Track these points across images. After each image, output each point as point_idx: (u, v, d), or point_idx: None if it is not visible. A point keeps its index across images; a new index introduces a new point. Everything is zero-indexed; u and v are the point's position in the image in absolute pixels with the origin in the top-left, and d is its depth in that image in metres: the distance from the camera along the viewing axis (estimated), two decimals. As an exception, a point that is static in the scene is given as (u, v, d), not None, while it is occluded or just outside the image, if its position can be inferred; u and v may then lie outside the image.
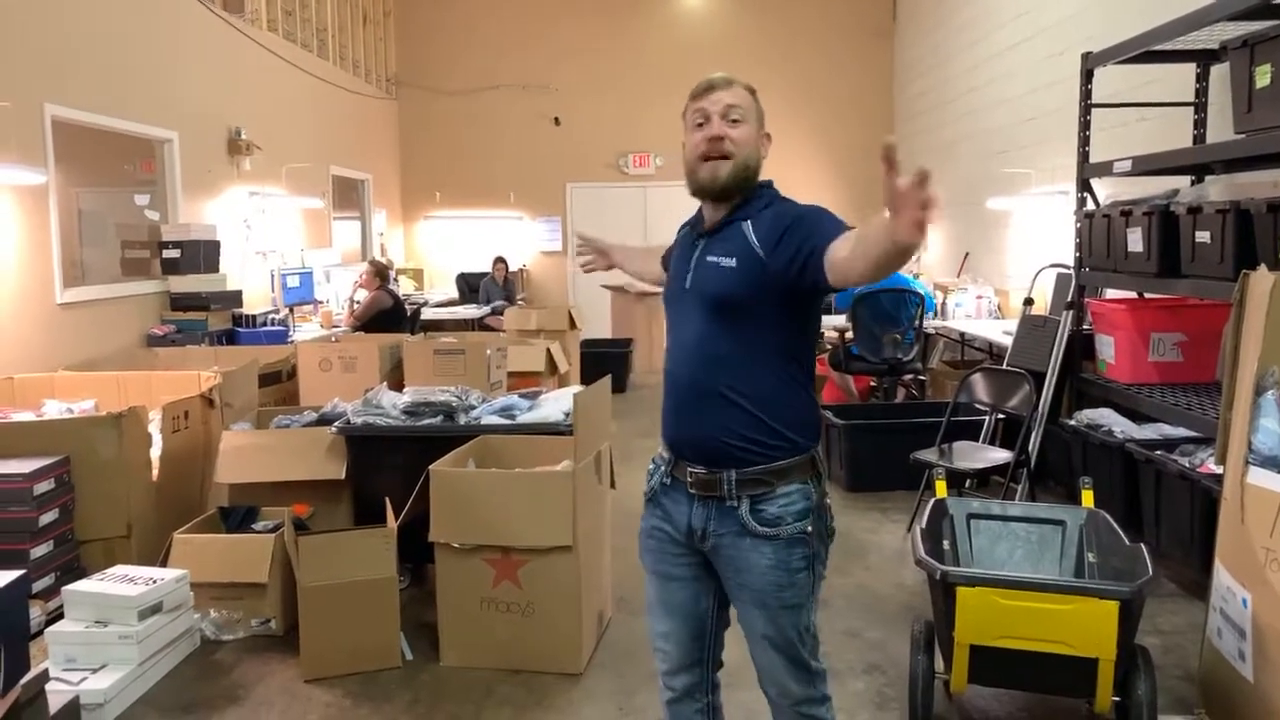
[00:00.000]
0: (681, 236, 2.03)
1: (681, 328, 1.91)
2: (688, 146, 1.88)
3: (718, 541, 1.87)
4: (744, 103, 1.86)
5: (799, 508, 1.86)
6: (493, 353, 4.99)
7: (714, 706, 2.09)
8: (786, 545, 1.85)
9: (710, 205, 1.91)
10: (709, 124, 1.83)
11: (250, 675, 3.14)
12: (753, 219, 1.84)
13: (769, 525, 1.84)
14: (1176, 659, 3.11)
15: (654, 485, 1.99)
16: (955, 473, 4.11)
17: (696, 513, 1.89)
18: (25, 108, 4.81)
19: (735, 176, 1.84)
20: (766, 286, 1.78)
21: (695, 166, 1.86)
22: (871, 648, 3.29)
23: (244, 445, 3.82)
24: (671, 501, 1.94)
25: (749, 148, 1.85)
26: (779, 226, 1.79)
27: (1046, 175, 6.34)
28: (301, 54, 8.29)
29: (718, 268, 1.83)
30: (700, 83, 1.87)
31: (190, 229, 6.13)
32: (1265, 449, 2.38)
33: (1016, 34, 6.90)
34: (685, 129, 1.89)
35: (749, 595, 1.88)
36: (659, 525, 1.98)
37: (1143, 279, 3.92)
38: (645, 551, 2.03)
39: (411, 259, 11.03)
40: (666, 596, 2.00)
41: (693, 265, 1.89)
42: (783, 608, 1.87)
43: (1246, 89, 3.30)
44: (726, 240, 1.85)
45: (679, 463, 1.91)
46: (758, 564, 1.85)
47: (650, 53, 10.42)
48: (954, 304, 7.27)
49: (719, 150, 1.82)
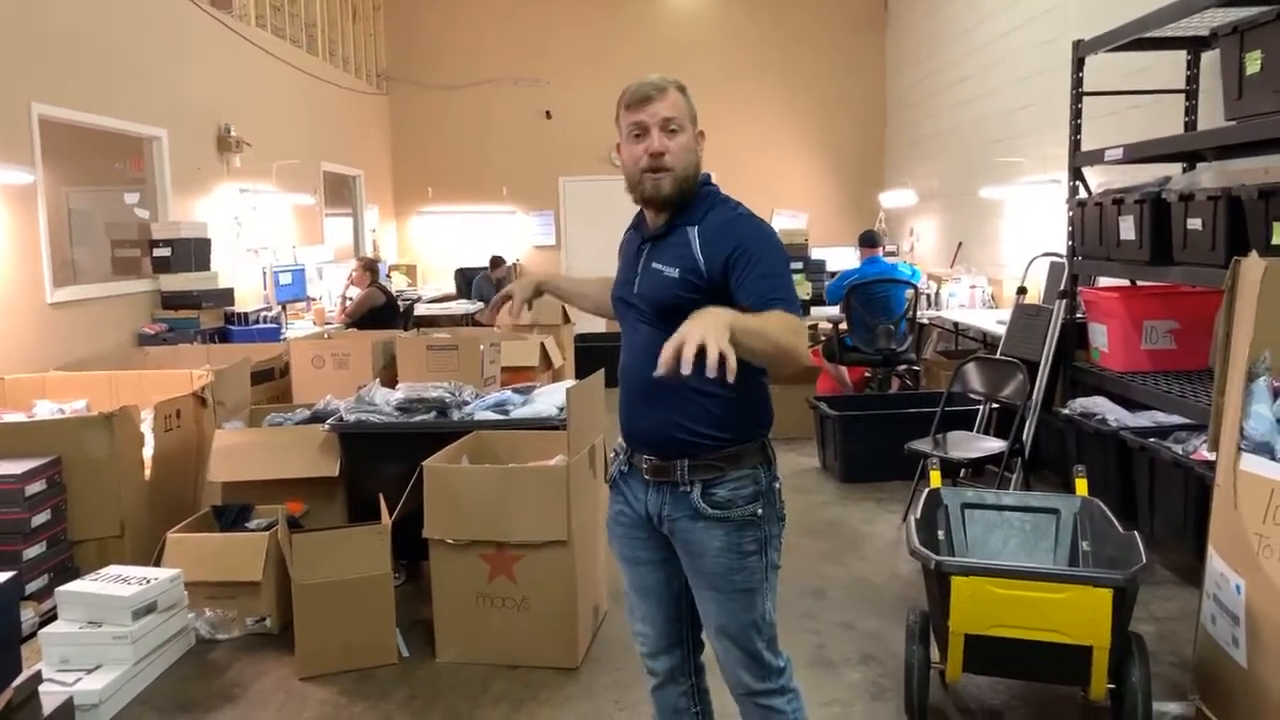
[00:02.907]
0: (628, 239, 2.06)
1: (632, 327, 1.97)
2: (626, 158, 1.89)
3: (673, 525, 1.93)
4: (679, 110, 1.86)
5: (748, 491, 1.90)
6: (486, 348, 4.98)
7: (700, 689, 2.13)
8: (738, 528, 1.89)
9: (653, 212, 1.94)
10: (647, 137, 1.84)
11: (245, 674, 3.13)
12: (698, 224, 1.88)
13: (719, 508, 1.88)
14: (1171, 646, 3.12)
15: (614, 472, 2.06)
16: (949, 462, 4.11)
17: (653, 498, 1.95)
18: (12, 106, 4.77)
19: (678, 187, 1.87)
20: (709, 293, 1.80)
21: (638, 178, 1.87)
22: (867, 638, 3.29)
23: (237, 443, 3.81)
24: (629, 488, 2.01)
25: (688, 155, 1.87)
26: (725, 247, 1.82)
27: (1038, 164, 6.34)
28: (291, 50, 8.25)
29: (661, 276, 1.88)
30: (633, 91, 1.86)
31: (181, 227, 6.10)
32: (1257, 435, 2.38)
33: (1007, 23, 6.88)
34: (621, 137, 1.90)
35: (703, 580, 1.93)
36: (622, 510, 2.04)
37: (1135, 267, 3.92)
38: (613, 538, 2.09)
39: (405, 255, 11.00)
40: (638, 580, 2.06)
41: (639, 270, 1.94)
42: (736, 591, 1.90)
43: (1237, 75, 3.30)
44: (671, 247, 1.89)
45: (634, 452, 1.98)
46: (710, 546, 1.89)
47: (641, 45, 10.38)
48: (948, 294, 7.28)
49: (660, 165, 1.84)
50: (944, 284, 7.37)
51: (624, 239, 2.09)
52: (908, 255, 9.05)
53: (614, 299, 2.03)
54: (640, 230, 2.00)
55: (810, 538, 4.35)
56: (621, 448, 2.03)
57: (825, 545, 4.24)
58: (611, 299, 2.05)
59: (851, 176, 10.44)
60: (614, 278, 2.09)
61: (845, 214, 10.44)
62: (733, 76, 10.16)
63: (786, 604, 2.85)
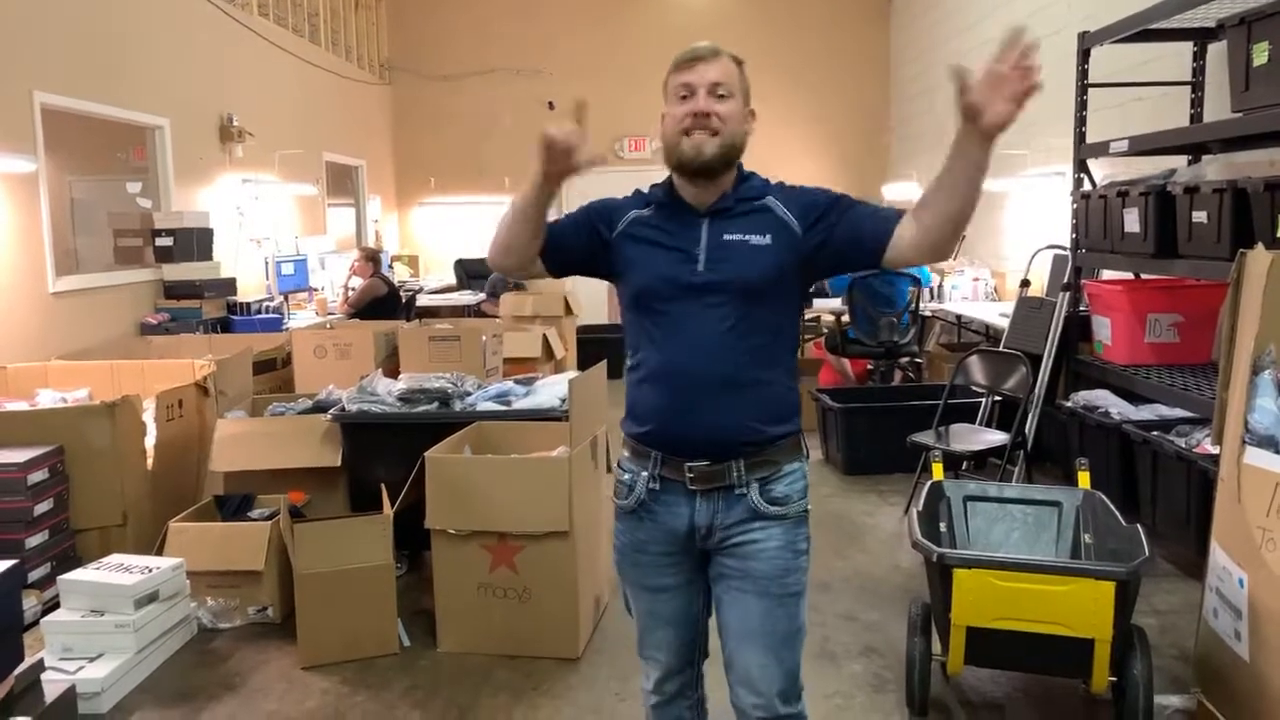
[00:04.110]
0: (651, 214, 1.82)
1: (686, 317, 1.74)
2: (668, 119, 1.76)
3: (726, 534, 1.79)
4: (730, 78, 1.74)
5: (801, 485, 1.83)
6: (488, 339, 4.98)
7: (702, 699, 2.04)
8: (794, 525, 1.81)
9: (691, 184, 1.78)
10: (694, 98, 1.71)
11: (247, 663, 3.14)
12: (769, 195, 1.79)
13: (778, 504, 1.79)
14: (1173, 639, 3.12)
15: (639, 495, 1.82)
16: (952, 455, 4.11)
17: (701, 510, 1.79)
18: (14, 95, 4.76)
19: (721, 153, 1.73)
20: (798, 265, 1.76)
21: (676, 140, 1.73)
22: (869, 630, 3.29)
23: (239, 433, 3.81)
24: (665, 506, 1.81)
25: (735, 124, 1.74)
26: (813, 205, 1.77)
27: (1043, 156, 6.31)
28: (293, 39, 8.23)
29: (748, 245, 1.73)
30: (684, 52, 1.75)
31: (183, 216, 6.09)
32: (1261, 429, 2.37)
33: (1013, 14, 6.85)
34: (666, 99, 1.77)
35: (753, 588, 1.78)
36: (646, 539, 1.85)
37: (1139, 260, 3.91)
38: (629, 566, 1.91)
39: (407, 245, 10.98)
40: (657, 608, 1.91)
41: (703, 248, 1.74)
42: (787, 595, 1.80)
43: (1244, 67, 3.28)
44: (747, 218, 1.76)
45: (670, 461, 1.79)
46: (767, 547, 1.78)
47: (645, 35, 10.34)
48: (950, 286, 7.26)
49: (705, 125, 1.71)
50: (947, 276, 7.35)
51: (634, 216, 1.83)
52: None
53: (653, 292, 1.77)
54: (670, 207, 1.80)
55: (813, 530, 4.33)
56: (644, 463, 1.82)
57: (827, 537, 4.24)
58: (643, 293, 1.79)
59: (856, 167, 10.41)
60: (572, 243, 1.86)
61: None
62: (736, 67, 10.14)
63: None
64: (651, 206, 1.84)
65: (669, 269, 1.76)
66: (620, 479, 1.89)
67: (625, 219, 1.85)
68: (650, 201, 1.85)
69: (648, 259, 1.79)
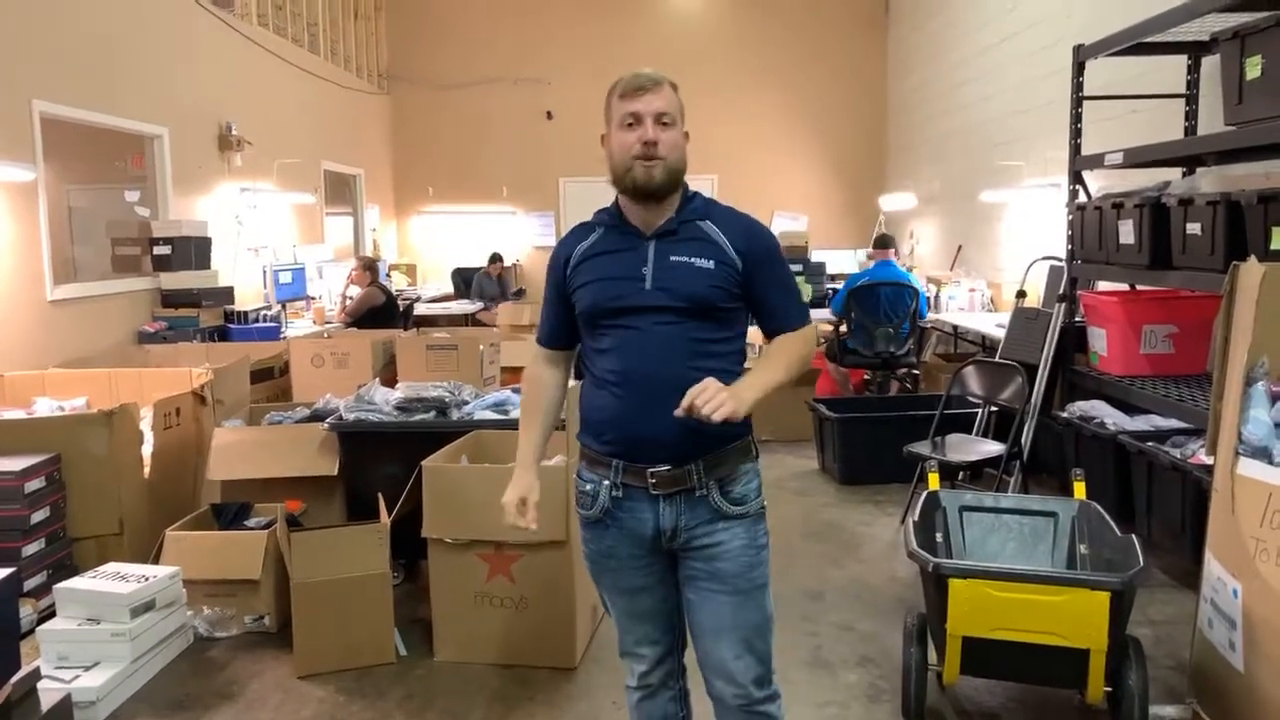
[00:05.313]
0: (598, 238, 1.95)
1: (636, 330, 1.86)
2: (616, 146, 1.87)
3: (690, 535, 1.89)
4: (672, 106, 1.87)
5: (756, 484, 1.94)
6: (486, 348, 4.99)
7: (685, 691, 2.12)
8: (754, 522, 1.91)
9: (640, 206, 1.90)
10: (641, 126, 1.84)
11: (243, 672, 3.13)
12: (709, 219, 1.91)
13: (738, 504, 1.89)
14: (1168, 649, 3.13)
15: (603, 504, 1.92)
16: (948, 465, 4.12)
17: (665, 513, 1.88)
18: (13, 104, 4.78)
19: (669, 177, 1.86)
20: (738, 284, 1.89)
21: (628, 165, 1.85)
22: (864, 640, 3.29)
23: (236, 442, 3.81)
24: (628, 512, 1.91)
25: (680, 150, 1.88)
26: (747, 245, 1.90)
27: (1039, 168, 6.35)
28: (292, 49, 8.25)
29: (692, 268, 1.86)
30: (628, 82, 1.87)
31: (181, 225, 6.10)
32: (1255, 440, 2.38)
33: (1008, 27, 6.89)
34: (610, 125, 1.89)
35: (721, 585, 1.88)
36: (614, 544, 1.95)
37: (1134, 271, 3.92)
38: (602, 573, 2.01)
39: (405, 254, 11.00)
40: (635, 608, 2.01)
41: (650, 267, 1.87)
42: (754, 589, 1.90)
43: (1237, 80, 3.31)
44: (691, 242, 1.89)
45: (631, 468, 1.88)
46: (731, 547, 1.88)
47: (642, 45, 10.38)
48: (947, 297, 7.28)
49: (654, 154, 1.83)
50: (943, 287, 7.38)
51: (581, 247, 1.95)
52: (907, 259, 9.06)
53: (602, 310, 1.89)
54: (620, 228, 1.93)
55: (809, 540, 4.35)
56: (604, 472, 1.92)
57: (824, 547, 4.24)
58: (601, 304, 1.89)
59: (852, 179, 10.45)
60: (553, 351, 2.11)
61: (845, 217, 10.45)
62: (734, 77, 10.17)
63: (785, 606, 2.86)
64: (600, 230, 1.97)
65: (616, 288, 1.89)
66: (582, 489, 1.99)
67: (575, 254, 1.97)
68: (597, 225, 1.98)
69: (597, 280, 1.92)
